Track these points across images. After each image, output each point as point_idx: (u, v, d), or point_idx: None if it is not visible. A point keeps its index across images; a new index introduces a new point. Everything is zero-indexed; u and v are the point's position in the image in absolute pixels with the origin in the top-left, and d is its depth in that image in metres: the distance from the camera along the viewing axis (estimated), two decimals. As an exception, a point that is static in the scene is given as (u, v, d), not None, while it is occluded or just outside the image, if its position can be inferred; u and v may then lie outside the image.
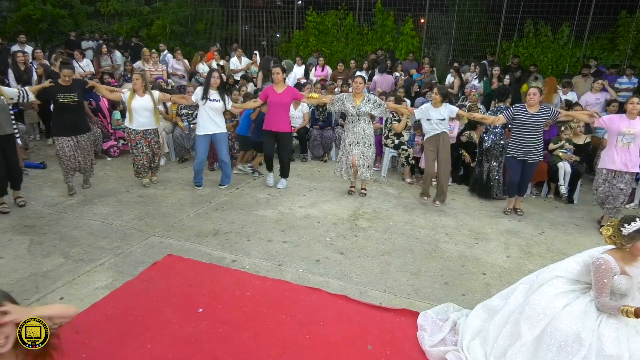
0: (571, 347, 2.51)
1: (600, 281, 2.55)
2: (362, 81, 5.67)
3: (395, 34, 12.35)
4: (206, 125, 5.67)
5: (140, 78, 5.63)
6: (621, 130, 4.91)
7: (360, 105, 5.58)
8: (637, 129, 4.87)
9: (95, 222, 4.79)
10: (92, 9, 14.43)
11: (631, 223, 2.53)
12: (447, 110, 5.45)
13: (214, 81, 5.59)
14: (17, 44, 9.86)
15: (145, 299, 3.48)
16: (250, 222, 4.98)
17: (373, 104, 5.62)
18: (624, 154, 4.94)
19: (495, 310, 3.05)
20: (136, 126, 5.66)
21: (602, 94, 7.73)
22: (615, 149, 4.98)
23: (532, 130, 5.18)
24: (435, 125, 5.48)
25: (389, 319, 3.36)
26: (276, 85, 5.76)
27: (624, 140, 4.91)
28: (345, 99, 5.66)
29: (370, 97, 5.69)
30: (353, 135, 5.70)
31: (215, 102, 5.61)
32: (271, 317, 3.32)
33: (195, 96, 5.67)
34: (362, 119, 5.66)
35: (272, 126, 5.78)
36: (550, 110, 5.21)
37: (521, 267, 4.27)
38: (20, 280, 3.65)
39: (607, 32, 10.86)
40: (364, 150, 5.70)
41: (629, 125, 4.89)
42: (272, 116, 5.76)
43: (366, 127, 5.70)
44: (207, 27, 14.15)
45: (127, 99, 5.60)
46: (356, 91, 5.60)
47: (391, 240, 4.68)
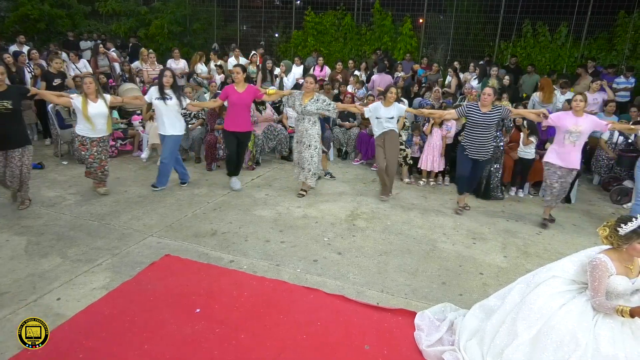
0: (567, 347, 2.52)
1: (596, 281, 2.55)
2: (312, 81, 5.65)
3: (393, 34, 12.36)
4: (163, 124, 5.58)
5: (93, 82, 5.30)
6: (568, 128, 4.94)
7: (307, 104, 5.57)
8: (583, 126, 4.90)
9: (93, 223, 4.79)
10: (90, 8, 14.42)
11: (627, 223, 2.54)
12: (396, 109, 5.60)
13: (167, 80, 5.46)
14: (16, 44, 9.84)
15: (143, 299, 3.48)
16: (248, 222, 4.98)
17: (322, 103, 5.63)
18: (570, 151, 4.99)
19: (492, 310, 3.05)
20: (93, 134, 5.31)
21: (600, 94, 7.75)
22: (562, 146, 5.02)
23: (483, 129, 5.25)
24: (384, 123, 5.58)
25: (386, 319, 3.37)
26: (237, 84, 5.66)
27: (571, 138, 4.94)
28: (297, 96, 5.66)
29: (319, 97, 5.68)
30: (298, 134, 5.73)
31: (169, 100, 5.49)
32: (268, 317, 3.32)
33: (149, 96, 5.55)
34: (307, 119, 5.64)
35: (233, 126, 5.68)
36: (502, 109, 5.29)
37: (518, 267, 4.28)
38: (17, 281, 3.65)
39: (605, 32, 10.88)
40: (301, 150, 5.71)
41: (575, 123, 4.92)
42: (234, 116, 5.67)
43: (309, 127, 5.68)
44: (205, 27, 14.15)
45: (81, 106, 5.18)
46: (306, 90, 5.60)
47: (389, 240, 4.69)
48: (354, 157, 7.66)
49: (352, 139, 7.59)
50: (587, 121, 4.93)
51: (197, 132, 7.11)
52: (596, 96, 7.68)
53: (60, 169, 6.54)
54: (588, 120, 4.94)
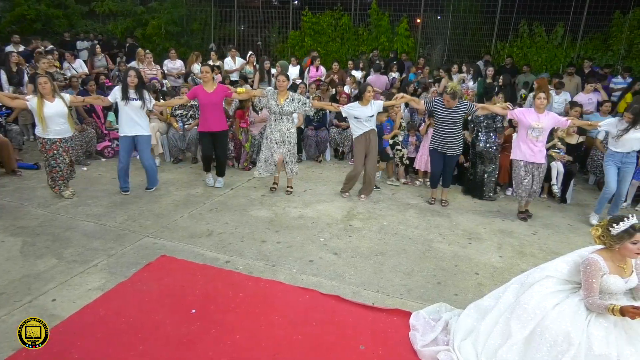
0: (561, 347, 2.54)
1: (589, 281, 2.57)
2: (284, 79, 5.63)
3: (390, 34, 12.37)
4: (126, 125, 5.47)
5: (48, 81, 5.10)
6: (531, 124, 5.11)
7: (284, 104, 5.57)
8: (544, 123, 5.10)
9: (89, 223, 4.79)
10: (87, 8, 14.38)
11: (619, 223, 2.56)
12: (374, 106, 5.59)
13: (131, 80, 5.34)
14: (11, 44, 9.81)
15: (138, 300, 3.48)
16: (244, 222, 4.98)
17: (298, 102, 5.64)
18: (533, 146, 5.16)
19: (486, 310, 3.06)
20: (52, 135, 5.17)
21: (595, 95, 7.77)
22: (525, 142, 5.19)
23: (450, 124, 5.36)
24: (364, 122, 5.57)
25: (381, 319, 3.38)
26: (206, 84, 5.65)
27: (534, 134, 5.13)
28: (270, 96, 5.63)
29: (295, 96, 5.69)
30: (278, 134, 5.69)
31: (135, 101, 5.39)
32: (264, 317, 3.33)
33: (113, 96, 5.45)
34: (286, 118, 5.66)
35: (207, 127, 5.69)
36: (467, 105, 5.41)
37: (514, 266, 4.29)
38: (12, 282, 3.64)
39: (600, 32, 10.91)
40: (290, 149, 5.74)
41: (537, 119, 5.11)
42: (206, 117, 5.67)
43: (290, 126, 5.72)
44: (202, 27, 14.14)
45: (36, 106, 5.01)
46: (280, 89, 5.59)
47: (385, 241, 4.70)
48: (351, 158, 7.66)
49: (348, 139, 7.59)
50: (548, 118, 5.16)
51: (193, 132, 7.10)
52: (591, 96, 7.71)
53: (56, 170, 6.52)
54: (549, 117, 5.16)
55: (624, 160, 5.21)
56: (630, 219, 2.55)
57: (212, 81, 5.67)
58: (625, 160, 5.21)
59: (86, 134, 6.94)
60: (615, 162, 5.23)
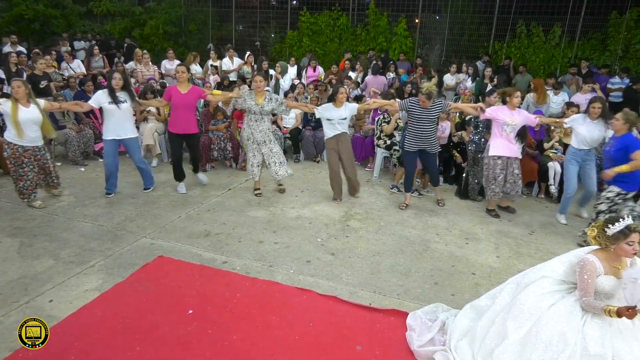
0: (556, 347, 2.54)
1: (585, 281, 2.58)
2: (261, 79, 5.63)
3: (388, 34, 12.38)
4: (113, 129, 5.35)
5: (22, 85, 4.85)
6: (505, 121, 5.24)
7: (263, 103, 5.56)
8: (517, 119, 5.26)
9: (86, 224, 4.78)
10: (85, 9, 14.36)
11: (615, 224, 2.56)
12: (348, 109, 5.60)
13: (116, 83, 5.24)
14: (9, 44, 9.80)
15: (135, 300, 3.48)
16: (242, 223, 4.98)
17: (275, 102, 5.65)
18: (508, 142, 5.30)
19: (483, 310, 3.07)
20: (27, 142, 4.95)
21: (592, 95, 7.77)
22: (500, 138, 5.32)
23: (426, 123, 5.40)
24: (336, 125, 5.58)
25: (378, 319, 3.38)
26: (180, 85, 5.56)
27: (507, 130, 5.27)
28: (247, 96, 5.60)
29: (273, 96, 5.70)
30: (260, 134, 5.62)
31: (125, 103, 5.32)
32: (261, 318, 3.33)
33: (95, 101, 5.29)
34: (266, 118, 5.67)
35: (179, 128, 5.59)
36: (442, 103, 5.48)
37: (511, 267, 4.30)
38: (9, 283, 3.64)
39: (598, 32, 10.94)
40: (272, 148, 5.72)
41: (511, 116, 5.26)
42: (178, 118, 5.57)
43: (270, 125, 5.75)
44: (200, 28, 14.13)
45: (10, 112, 4.79)
46: (257, 90, 5.58)
47: (382, 241, 4.70)
48: (348, 158, 7.66)
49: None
50: (521, 115, 5.35)
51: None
52: (588, 96, 7.70)
53: (53, 170, 6.51)
54: (521, 115, 5.37)
55: (585, 157, 5.30)
56: (626, 219, 2.56)
57: (187, 82, 5.60)
58: (586, 158, 5.30)
59: (84, 134, 6.93)
60: (577, 160, 5.32)
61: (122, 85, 5.32)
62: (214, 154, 6.82)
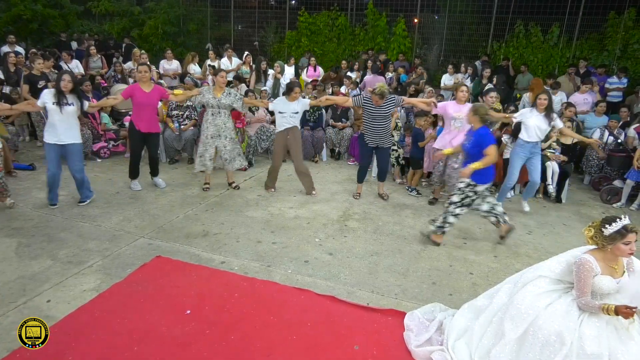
0: (553, 346, 2.55)
1: (582, 281, 2.58)
2: (224, 75, 5.73)
3: (387, 34, 12.39)
4: (54, 132, 4.96)
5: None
6: (453, 115, 5.39)
7: (220, 97, 5.61)
8: (464, 113, 5.22)
9: (84, 224, 4.78)
10: (82, 8, 14.34)
11: (612, 224, 2.57)
12: (301, 104, 5.73)
13: (65, 85, 4.90)
14: (7, 45, 9.79)
15: (133, 301, 3.48)
16: (240, 223, 4.99)
17: (234, 97, 5.71)
18: (456, 136, 5.39)
19: (480, 310, 3.08)
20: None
21: (590, 95, 7.80)
22: (450, 133, 5.47)
23: (380, 119, 5.50)
24: (289, 118, 5.69)
25: (376, 319, 3.39)
26: (143, 84, 5.51)
27: (456, 124, 5.40)
28: (206, 91, 5.67)
29: (231, 92, 5.75)
30: (214, 128, 5.68)
31: (70, 107, 4.96)
32: (259, 318, 3.33)
33: (41, 100, 4.94)
34: (223, 112, 5.69)
35: (142, 127, 5.56)
36: (395, 99, 5.59)
37: (508, 266, 4.31)
38: (7, 283, 3.64)
39: (596, 32, 10.96)
40: (226, 144, 5.75)
41: (458, 110, 5.36)
42: (140, 116, 5.53)
43: (226, 120, 5.74)
44: (198, 28, 14.12)
45: None
46: (218, 85, 5.65)
47: (380, 241, 4.71)
48: (348, 158, 7.68)
49: (344, 139, 7.61)
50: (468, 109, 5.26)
51: (189, 133, 7.10)
52: (586, 96, 7.74)
53: (52, 170, 6.51)
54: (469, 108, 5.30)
55: (532, 150, 5.39)
56: (623, 219, 2.57)
57: (149, 81, 5.56)
58: (533, 151, 5.41)
59: (82, 134, 6.90)
60: (525, 153, 5.40)
61: (72, 88, 5.00)
62: (212, 154, 6.81)
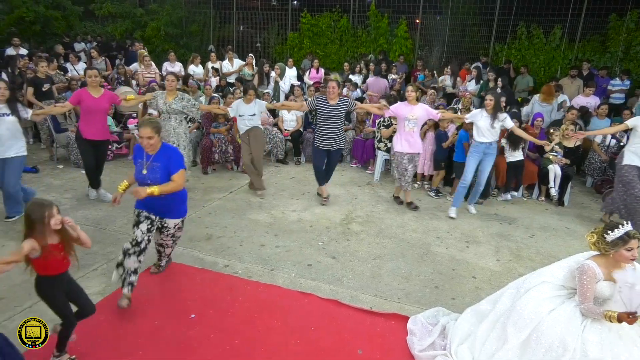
0: (556, 352, 2.57)
1: (584, 287, 2.60)
2: (174, 79, 5.72)
3: (389, 36, 12.39)
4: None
5: None
6: (406, 116, 5.44)
7: (171, 102, 5.59)
8: (417, 114, 5.47)
9: (89, 227, 4.80)
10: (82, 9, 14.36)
11: (614, 230, 2.58)
12: (257, 105, 5.86)
13: (1, 94, 4.59)
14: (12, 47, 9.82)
15: (137, 304, 3.49)
16: (243, 226, 5.00)
17: (187, 102, 5.68)
18: (410, 137, 5.52)
19: (483, 315, 3.09)
20: None
21: (594, 98, 7.80)
22: (404, 135, 5.55)
23: (333, 120, 5.59)
24: (247, 121, 5.82)
25: (379, 323, 3.41)
26: (92, 89, 5.27)
27: (409, 125, 5.48)
28: (158, 96, 5.63)
29: (185, 96, 5.73)
30: (165, 133, 5.44)
31: (7, 117, 4.64)
32: (262, 322, 3.35)
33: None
34: (173, 117, 5.66)
35: (89, 134, 5.29)
36: (348, 102, 5.69)
37: (511, 270, 4.32)
38: (13, 287, 3.65)
39: (598, 34, 10.95)
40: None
41: (411, 111, 5.46)
42: (89, 123, 5.27)
43: (177, 125, 5.70)
44: (201, 29, 14.15)
45: None
46: (168, 88, 5.64)
47: (383, 244, 4.72)
48: (351, 160, 7.69)
49: (347, 142, 7.62)
50: (421, 109, 5.54)
51: (192, 135, 7.13)
52: (589, 100, 7.74)
53: (55, 173, 6.54)
54: (422, 109, 5.56)
55: (486, 151, 5.45)
56: (625, 225, 2.58)
57: (98, 86, 5.35)
58: (487, 152, 5.45)
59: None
60: (479, 154, 5.46)
61: (8, 97, 4.67)
62: (215, 156, 6.84)
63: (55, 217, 2.61)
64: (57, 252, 2.70)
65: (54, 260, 2.69)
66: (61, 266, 2.77)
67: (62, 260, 2.75)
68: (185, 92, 6.51)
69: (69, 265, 2.82)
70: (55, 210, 2.62)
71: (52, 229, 2.61)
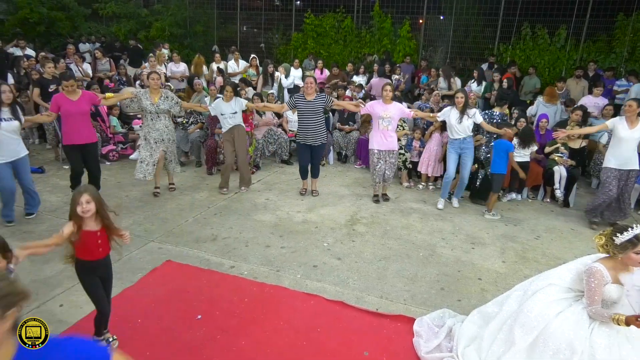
0: (564, 355, 2.55)
1: (592, 290, 2.58)
2: (157, 77, 5.71)
3: (392, 36, 12.38)
4: (4, 152, 4.67)
5: None
6: (380, 115, 5.58)
7: (158, 102, 5.59)
8: (391, 112, 5.60)
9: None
10: (89, 11, 14.41)
11: (623, 233, 2.56)
12: (237, 103, 5.90)
13: (7, 97, 4.58)
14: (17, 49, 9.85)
15: (144, 305, 3.52)
16: (249, 227, 5.01)
17: (171, 101, 5.70)
18: (386, 134, 5.65)
19: (490, 317, 3.09)
20: None
21: (601, 99, 7.76)
22: (379, 133, 5.68)
23: (311, 115, 5.75)
24: (229, 119, 5.86)
25: (385, 325, 3.40)
26: (69, 93, 5.13)
27: (384, 123, 5.61)
28: (142, 96, 5.60)
29: (169, 94, 5.74)
30: (156, 132, 5.63)
31: (11, 122, 4.67)
32: (269, 323, 3.35)
33: None
34: (162, 116, 5.68)
35: (74, 139, 5.20)
36: (325, 98, 5.86)
37: (517, 272, 4.31)
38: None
39: (603, 34, 10.90)
40: (168, 146, 5.77)
41: (385, 110, 5.59)
42: (72, 128, 5.16)
43: (168, 123, 5.76)
44: (205, 29, 14.17)
45: None
46: (152, 87, 5.62)
47: (388, 246, 4.72)
48: (355, 161, 7.69)
49: (351, 142, 7.63)
50: (395, 108, 5.67)
51: (195, 135, 7.14)
52: (597, 101, 7.71)
53: (61, 173, 6.56)
54: (396, 108, 5.69)
55: (462, 146, 5.62)
56: (635, 228, 2.56)
57: (76, 89, 5.19)
58: (464, 147, 5.63)
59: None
60: (456, 149, 5.66)
61: (12, 101, 4.68)
62: (219, 157, 6.85)
63: (81, 205, 2.67)
64: (95, 239, 2.81)
65: (92, 245, 2.80)
66: (98, 253, 2.86)
67: (99, 247, 2.84)
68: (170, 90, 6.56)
69: (106, 253, 2.93)
70: (83, 198, 2.68)
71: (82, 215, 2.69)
